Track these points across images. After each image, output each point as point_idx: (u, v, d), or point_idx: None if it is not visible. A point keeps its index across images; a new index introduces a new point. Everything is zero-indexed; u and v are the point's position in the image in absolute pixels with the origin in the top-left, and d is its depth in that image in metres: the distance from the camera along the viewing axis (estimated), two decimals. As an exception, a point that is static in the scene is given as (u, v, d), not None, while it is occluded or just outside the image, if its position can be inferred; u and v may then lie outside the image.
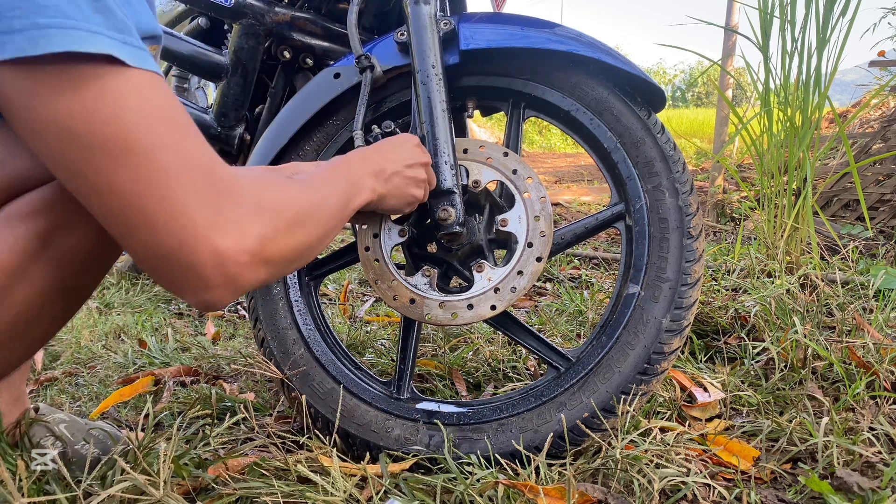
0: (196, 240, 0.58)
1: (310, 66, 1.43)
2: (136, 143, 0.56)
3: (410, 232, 1.14)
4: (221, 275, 0.60)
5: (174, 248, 0.58)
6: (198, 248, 0.58)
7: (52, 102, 0.55)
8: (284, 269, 0.70)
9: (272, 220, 0.65)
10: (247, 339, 1.93)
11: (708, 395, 1.26)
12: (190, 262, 0.59)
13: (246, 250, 0.61)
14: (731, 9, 3.98)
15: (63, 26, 0.53)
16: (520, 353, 1.58)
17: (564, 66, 1.15)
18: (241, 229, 0.61)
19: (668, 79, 29.27)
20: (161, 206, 0.57)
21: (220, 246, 0.59)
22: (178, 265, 0.59)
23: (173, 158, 0.58)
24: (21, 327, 0.71)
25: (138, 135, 0.56)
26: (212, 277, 0.60)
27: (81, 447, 1.04)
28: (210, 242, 0.59)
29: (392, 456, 1.07)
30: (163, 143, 0.57)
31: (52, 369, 1.67)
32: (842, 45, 2.09)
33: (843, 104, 6.22)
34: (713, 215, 3.91)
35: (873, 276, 1.96)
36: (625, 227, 1.14)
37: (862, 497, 0.90)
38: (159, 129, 0.58)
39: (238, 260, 0.60)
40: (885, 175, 3.40)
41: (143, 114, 0.57)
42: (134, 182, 0.56)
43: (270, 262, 0.65)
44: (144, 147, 0.56)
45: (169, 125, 0.59)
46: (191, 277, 0.60)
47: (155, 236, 0.58)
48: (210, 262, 0.59)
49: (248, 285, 0.63)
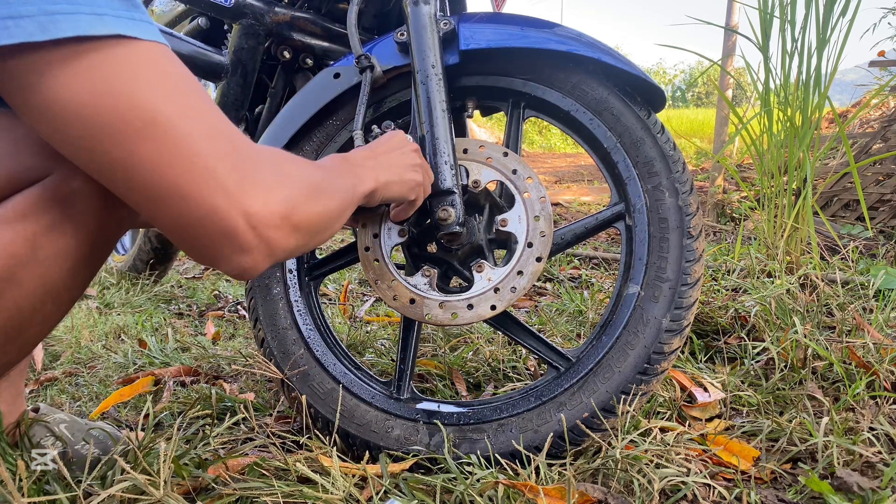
0: (228, 203, 0.59)
1: (310, 66, 1.43)
2: (158, 113, 0.56)
3: (410, 232, 1.14)
4: (256, 237, 0.61)
5: (207, 213, 0.58)
6: (231, 212, 0.59)
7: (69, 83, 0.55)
8: (311, 239, 0.71)
9: (295, 185, 0.66)
10: (247, 339, 1.93)
11: (708, 395, 1.26)
12: (224, 227, 0.59)
13: (276, 212, 0.62)
14: (731, 9, 3.98)
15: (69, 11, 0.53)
16: (520, 353, 1.58)
17: (564, 66, 1.15)
18: (268, 193, 0.62)
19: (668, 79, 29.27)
20: (189, 173, 0.57)
21: (252, 208, 0.60)
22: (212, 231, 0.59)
23: (195, 126, 0.58)
24: (12, 330, 0.70)
25: (158, 105, 0.56)
26: (247, 240, 0.61)
27: (81, 447, 1.04)
28: (241, 205, 0.59)
29: (392, 456, 1.07)
30: (183, 112, 0.58)
31: (52, 369, 1.67)
32: (842, 45, 2.09)
33: (843, 104, 6.23)
34: (713, 215, 3.91)
35: (873, 276, 1.96)
36: (625, 226, 1.14)
37: (862, 497, 0.90)
38: (178, 99, 0.58)
39: (270, 222, 0.61)
40: (885, 175, 3.41)
41: (160, 85, 0.57)
42: (159, 153, 0.57)
43: (299, 229, 0.66)
44: (166, 117, 0.57)
45: (187, 95, 0.59)
46: (226, 242, 0.60)
47: (186, 204, 0.58)
48: (243, 224, 0.60)
49: (281, 250, 0.64)
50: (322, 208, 0.71)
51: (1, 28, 0.52)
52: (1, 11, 0.52)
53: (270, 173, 0.63)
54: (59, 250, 0.69)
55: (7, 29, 0.52)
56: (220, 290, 2.65)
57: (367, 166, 0.90)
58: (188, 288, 2.71)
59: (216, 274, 3.11)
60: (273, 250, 0.64)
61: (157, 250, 2.53)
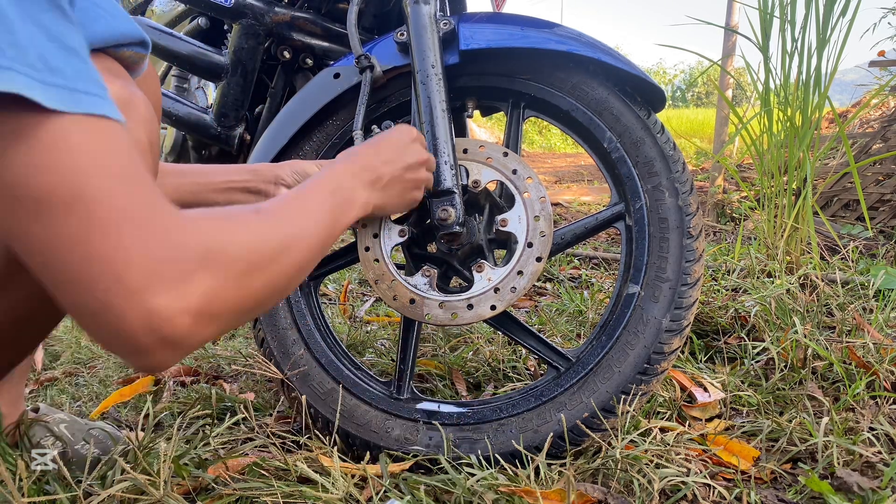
0: (125, 302, 0.50)
1: (310, 66, 1.43)
2: (53, 195, 0.49)
3: (410, 232, 1.14)
4: (157, 339, 0.52)
5: (99, 309, 0.51)
6: (126, 312, 0.51)
7: None
8: (239, 321, 0.62)
9: (222, 270, 0.56)
10: (247, 339, 1.93)
11: (708, 395, 1.26)
12: (118, 327, 0.51)
13: (186, 309, 0.53)
14: (731, 9, 3.98)
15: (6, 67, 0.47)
16: (520, 353, 1.58)
17: (564, 66, 1.15)
18: (182, 286, 0.53)
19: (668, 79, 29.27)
20: (84, 263, 0.50)
21: (155, 307, 0.51)
22: (106, 328, 0.52)
23: (99, 211, 0.50)
24: (11, 334, 0.70)
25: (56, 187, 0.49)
26: (144, 343, 0.52)
27: (81, 447, 1.04)
28: (142, 304, 0.51)
29: (392, 456, 1.07)
30: (87, 194, 0.50)
31: (52, 369, 1.67)
32: (842, 45, 2.09)
33: (843, 104, 6.22)
34: (713, 215, 3.91)
35: (873, 276, 1.96)
36: (625, 226, 1.14)
37: (862, 497, 0.90)
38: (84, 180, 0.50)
39: (176, 321, 0.52)
40: (885, 175, 3.40)
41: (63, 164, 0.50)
42: (55, 237, 0.50)
43: (219, 317, 0.57)
44: (62, 199, 0.49)
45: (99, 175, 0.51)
46: (122, 342, 0.52)
47: (80, 296, 0.51)
48: (141, 326, 0.51)
49: (194, 345, 0.56)
50: (266, 281, 0.62)
51: None
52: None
53: (192, 261, 0.54)
54: None
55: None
56: (220, 290, 2.65)
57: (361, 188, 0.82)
58: (188, 288, 2.71)
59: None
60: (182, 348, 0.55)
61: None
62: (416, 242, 1.18)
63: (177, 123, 1.45)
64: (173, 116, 1.43)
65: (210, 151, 1.52)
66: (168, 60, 1.47)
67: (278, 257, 0.63)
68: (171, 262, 0.53)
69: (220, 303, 0.56)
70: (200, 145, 1.52)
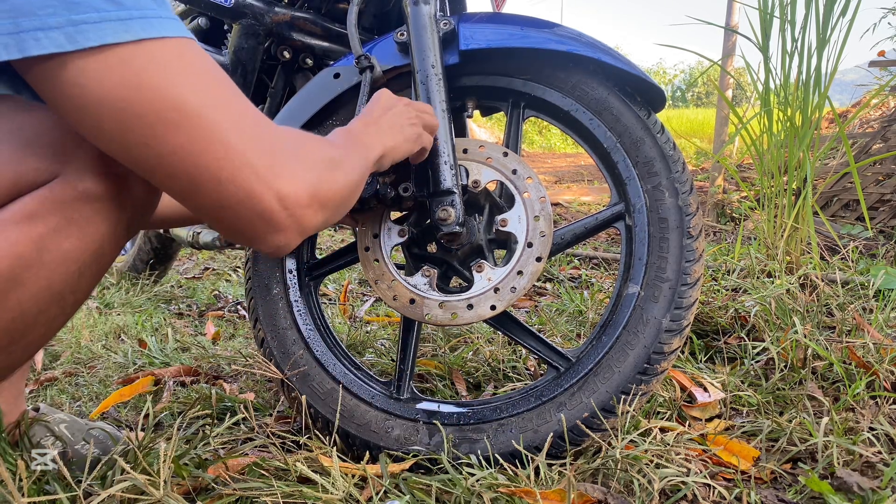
0: (262, 187, 0.63)
1: (310, 66, 1.43)
2: (188, 104, 0.60)
3: (410, 232, 1.14)
4: (289, 216, 0.66)
5: (243, 197, 0.63)
6: (264, 195, 0.64)
7: (102, 84, 0.58)
8: (335, 213, 0.77)
9: (317, 165, 0.71)
10: (247, 339, 1.93)
11: (708, 395, 1.26)
12: (260, 209, 0.64)
13: (305, 192, 0.67)
14: (731, 9, 3.98)
15: (95, 20, 0.56)
16: (520, 353, 1.58)
17: (564, 66, 1.15)
18: (296, 174, 0.67)
19: (668, 79, 29.26)
20: (223, 160, 0.61)
21: (284, 190, 0.65)
22: (250, 213, 0.64)
23: (225, 115, 0.62)
24: (17, 332, 0.70)
25: (188, 97, 0.60)
26: (281, 220, 0.66)
27: (81, 447, 1.04)
28: (274, 188, 0.64)
29: (392, 456, 1.07)
30: (212, 101, 0.61)
31: (52, 369, 1.67)
32: (842, 45, 2.09)
33: (843, 104, 6.23)
34: (713, 215, 3.91)
35: (873, 276, 1.96)
36: (625, 226, 1.14)
37: (862, 497, 0.90)
38: (206, 89, 0.61)
39: (301, 202, 0.67)
40: (885, 175, 3.41)
41: (188, 77, 0.60)
42: (192, 141, 0.60)
43: (326, 205, 0.71)
44: (196, 107, 0.60)
45: (214, 85, 0.62)
46: (262, 223, 0.65)
47: (221, 189, 0.62)
48: (277, 206, 0.65)
49: (312, 227, 0.70)
50: (342, 183, 0.76)
51: (32, 39, 0.56)
52: (31, 23, 0.56)
53: (295, 155, 0.68)
54: (66, 253, 0.70)
55: (38, 41, 0.56)
56: (220, 290, 2.65)
57: (370, 133, 0.92)
58: (188, 288, 2.72)
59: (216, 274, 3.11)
60: (304, 227, 0.69)
61: (157, 250, 2.53)
62: (416, 242, 1.18)
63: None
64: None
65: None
66: (168, 60, 1.47)
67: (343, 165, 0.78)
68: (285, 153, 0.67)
69: (323, 191, 0.71)
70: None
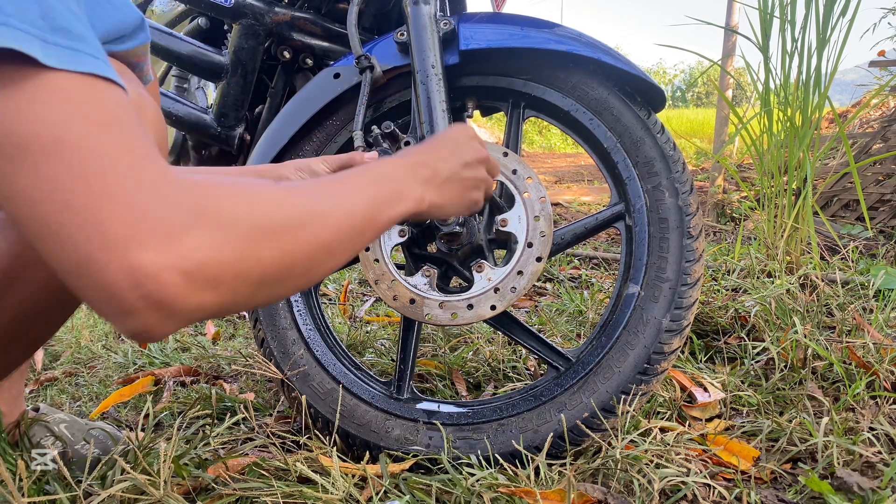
0: (106, 253, 0.47)
1: (310, 66, 1.43)
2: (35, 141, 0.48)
3: (410, 232, 1.14)
4: (141, 297, 0.48)
5: (81, 262, 0.48)
6: (108, 264, 0.47)
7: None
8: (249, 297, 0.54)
9: (220, 229, 0.51)
10: (247, 339, 1.93)
11: (708, 395, 1.26)
12: (100, 280, 0.47)
13: (174, 266, 0.48)
14: (731, 9, 3.98)
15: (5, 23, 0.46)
16: (520, 353, 1.58)
17: (564, 66, 1.15)
18: (170, 240, 0.48)
19: (668, 79, 29.27)
20: (65, 212, 0.47)
21: (139, 261, 0.47)
22: (89, 283, 0.48)
23: (83, 158, 0.48)
24: (17, 330, 0.70)
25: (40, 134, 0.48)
26: (128, 300, 0.48)
27: (81, 447, 1.04)
28: (124, 257, 0.47)
29: (392, 456, 1.07)
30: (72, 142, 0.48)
31: (52, 369, 1.67)
32: (842, 45, 2.09)
33: (843, 104, 6.22)
34: (713, 215, 3.91)
35: (873, 276, 1.96)
36: (625, 227, 1.14)
37: (862, 497, 0.90)
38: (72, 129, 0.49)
39: (163, 279, 0.47)
40: (885, 175, 3.41)
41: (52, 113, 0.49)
42: (36, 184, 0.48)
43: (219, 284, 0.50)
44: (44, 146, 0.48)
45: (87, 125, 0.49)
46: (105, 299, 0.48)
47: (61, 248, 0.48)
48: (123, 281, 0.47)
49: (187, 311, 0.50)
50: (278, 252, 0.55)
51: None
52: None
53: (186, 215, 0.49)
54: None
55: None
56: (220, 290, 2.65)
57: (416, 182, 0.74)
58: (188, 288, 2.71)
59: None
60: (173, 312, 0.49)
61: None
62: (416, 242, 1.18)
63: (177, 123, 1.45)
64: (173, 116, 1.43)
65: (210, 151, 1.52)
66: (168, 60, 1.47)
67: (296, 230, 0.57)
68: (160, 213, 0.49)
69: (216, 266, 0.50)
70: (200, 145, 1.52)
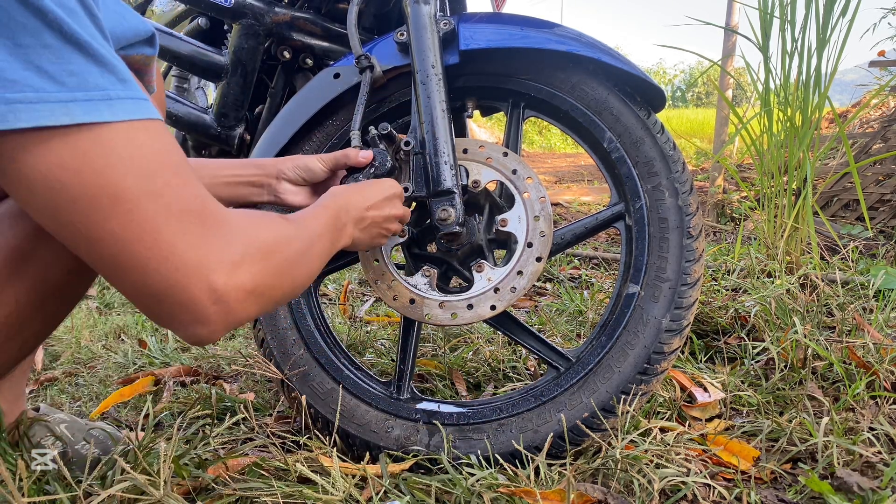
0: (188, 279, 0.60)
1: (310, 66, 1.43)
2: (125, 192, 0.57)
3: (410, 232, 1.14)
4: (217, 311, 0.63)
5: (166, 288, 0.60)
6: (191, 286, 0.61)
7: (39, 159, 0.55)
8: (273, 306, 0.72)
9: (262, 259, 0.67)
10: (247, 339, 1.93)
11: (708, 395, 1.26)
12: (184, 300, 0.61)
13: (238, 287, 0.64)
14: (731, 9, 3.98)
15: (32, 100, 0.53)
16: (520, 353, 1.57)
17: (564, 66, 1.15)
18: (231, 267, 0.63)
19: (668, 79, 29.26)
20: (151, 250, 0.59)
21: (215, 283, 0.62)
22: (171, 303, 0.61)
23: (162, 204, 0.60)
24: (14, 326, 0.71)
25: (127, 184, 0.58)
26: (207, 313, 0.62)
27: (81, 447, 1.04)
28: (204, 280, 0.61)
29: (392, 456, 1.07)
30: (151, 189, 0.59)
31: (52, 369, 1.67)
32: (842, 45, 2.09)
33: (843, 104, 6.22)
34: (713, 215, 3.91)
35: (873, 276, 1.96)
36: (624, 226, 1.14)
37: (862, 497, 0.90)
38: (148, 177, 0.59)
39: (231, 296, 0.63)
40: (885, 175, 3.40)
41: (131, 163, 0.58)
42: (123, 229, 0.58)
43: (261, 299, 0.67)
44: (133, 195, 0.58)
45: (158, 171, 0.60)
46: (185, 314, 0.62)
47: (147, 279, 0.60)
48: (206, 298, 0.61)
49: (240, 320, 0.66)
50: (293, 276, 0.74)
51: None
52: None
53: (238, 246, 0.65)
54: (63, 246, 0.70)
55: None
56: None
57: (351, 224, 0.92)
58: (188, 288, 2.71)
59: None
60: (232, 321, 0.65)
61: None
62: (416, 242, 1.18)
63: (177, 123, 1.45)
64: (173, 116, 1.44)
65: (210, 151, 1.52)
66: (168, 60, 1.47)
67: (301, 257, 0.76)
68: (223, 246, 0.63)
69: (263, 286, 0.67)
70: (200, 145, 1.53)
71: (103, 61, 0.57)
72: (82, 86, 0.55)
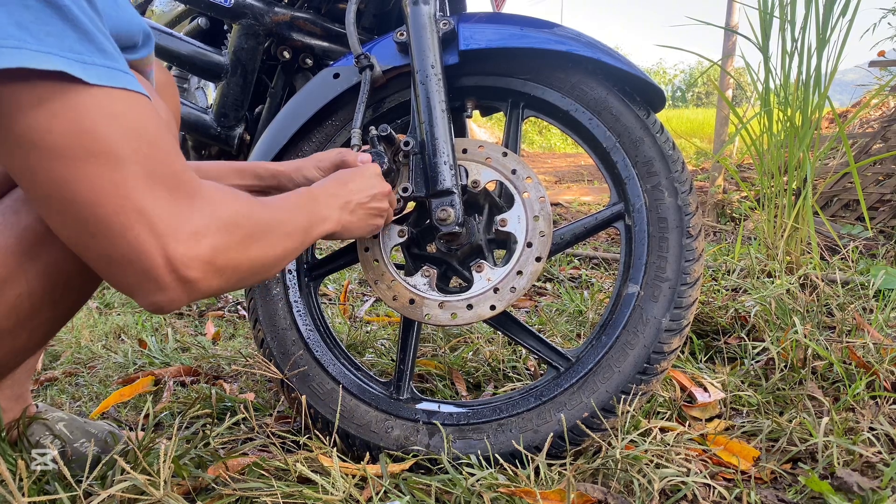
0: (150, 247, 0.62)
1: (310, 66, 1.43)
2: (97, 153, 0.59)
3: (410, 232, 1.14)
4: (175, 279, 0.64)
5: (129, 253, 0.62)
6: (153, 255, 0.62)
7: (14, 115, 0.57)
8: (239, 282, 0.73)
9: (225, 232, 0.68)
10: (247, 339, 1.93)
11: (708, 395, 1.26)
12: (145, 267, 0.62)
13: (199, 257, 0.64)
14: (731, 9, 3.98)
15: (10, 45, 0.54)
16: (520, 353, 1.57)
17: (564, 66, 1.15)
18: (195, 238, 0.64)
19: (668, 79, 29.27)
20: (118, 215, 0.60)
21: (174, 253, 0.63)
22: (133, 270, 0.63)
23: (132, 169, 0.61)
24: (25, 310, 0.71)
25: (100, 146, 0.59)
26: (164, 281, 0.63)
27: (81, 445, 1.04)
28: (165, 249, 0.62)
29: (392, 456, 1.07)
30: (123, 154, 0.60)
31: (52, 369, 1.67)
32: (842, 45, 2.09)
33: (843, 104, 6.22)
34: (713, 215, 3.91)
35: (873, 276, 1.96)
36: (624, 226, 1.14)
37: (862, 497, 0.90)
38: (121, 142, 0.60)
39: (189, 265, 0.64)
40: (885, 175, 3.40)
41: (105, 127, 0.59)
42: (92, 191, 0.59)
43: (223, 273, 0.68)
44: (104, 158, 0.59)
45: (132, 137, 0.61)
46: (145, 281, 0.63)
47: (112, 243, 0.61)
48: (163, 267, 0.63)
49: (202, 291, 0.67)
50: (258, 253, 0.73)
51: None
52: None
53: (206, 217, 0.66)
54: (63, 246, 0.70)
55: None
56: (220, 290, 2.65)
57: (332, 206, 0.91)
58: (188, 288, 2.71)
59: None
60: (192, 291, 0.66)
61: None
62: (416, 242, 1.18)
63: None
64: (173, 116, 1.43)
65: (210, 151, 1.52)
66: (168, 60, 1.47)
67: (268, 234, 0.76)
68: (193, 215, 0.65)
69: (224, 259, 0.68)
70: (200, 145, 1.53)
71: (83, 29, 0.58)
72: (58, 46, 0.56)
